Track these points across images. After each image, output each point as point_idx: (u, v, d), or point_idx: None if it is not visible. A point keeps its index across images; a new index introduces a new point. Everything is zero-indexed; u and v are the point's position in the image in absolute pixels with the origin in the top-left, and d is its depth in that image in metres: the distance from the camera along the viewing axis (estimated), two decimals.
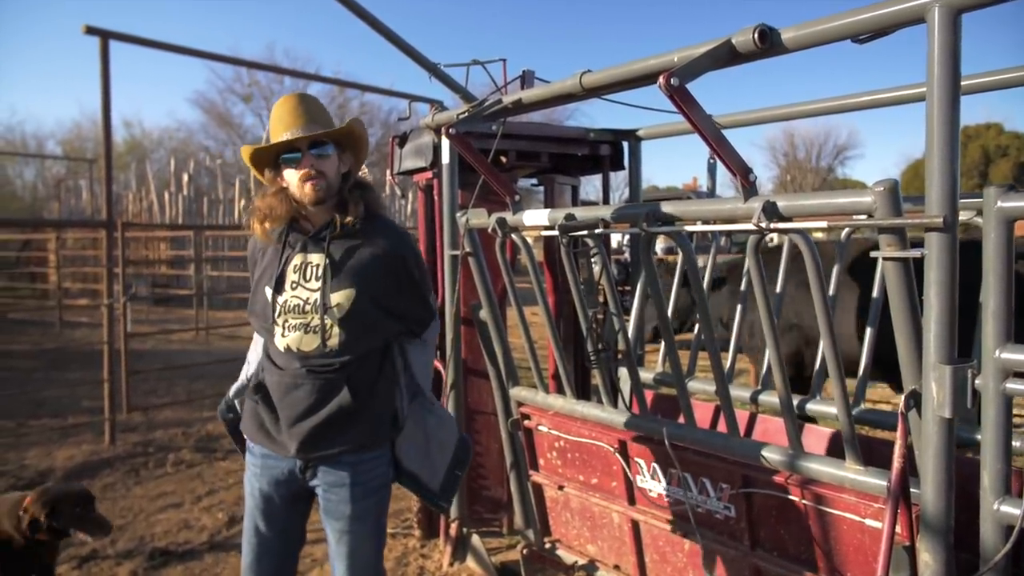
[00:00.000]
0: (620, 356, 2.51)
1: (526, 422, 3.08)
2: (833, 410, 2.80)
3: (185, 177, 22.08)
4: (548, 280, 4.01)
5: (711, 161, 3.38)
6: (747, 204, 2.00)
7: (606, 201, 4.16)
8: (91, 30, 5.51)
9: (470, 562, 3.55)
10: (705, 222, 2.25)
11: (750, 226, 1.96)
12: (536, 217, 2.70)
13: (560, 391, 3.04)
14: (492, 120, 2.88)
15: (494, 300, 3.03)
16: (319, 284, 2.14)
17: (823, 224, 2.07)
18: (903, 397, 1.74)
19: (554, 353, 2.94)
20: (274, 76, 33.21)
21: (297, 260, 2.19)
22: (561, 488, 3.01)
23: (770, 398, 2.98)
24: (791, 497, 2.16)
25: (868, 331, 2.81)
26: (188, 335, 12.47)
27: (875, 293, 2.79)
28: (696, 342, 3.32)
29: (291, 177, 2.14)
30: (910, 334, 1.74)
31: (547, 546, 3.16)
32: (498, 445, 3.58)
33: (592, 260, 2.60)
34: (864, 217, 1.97)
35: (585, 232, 2.51)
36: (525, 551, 3.19)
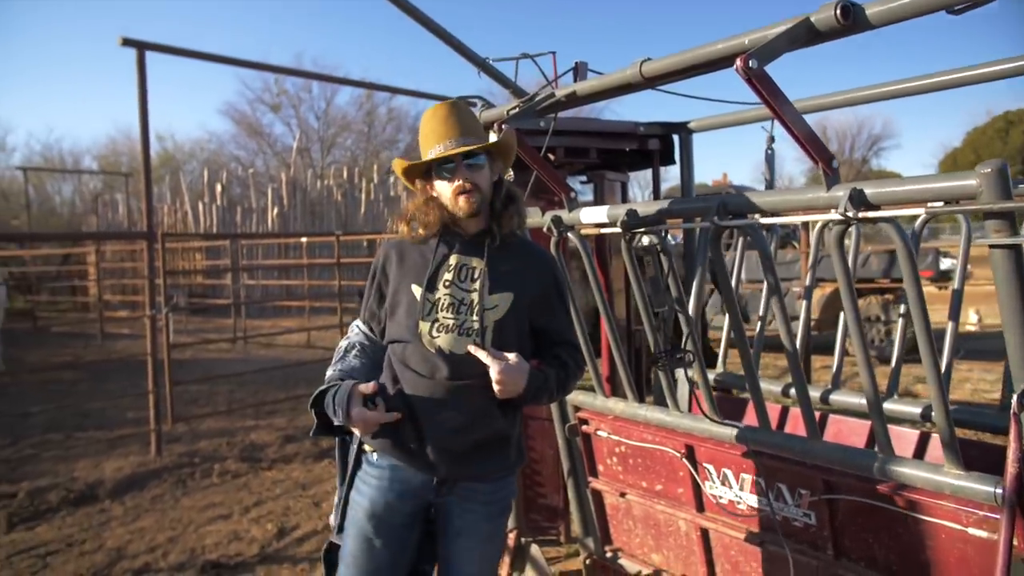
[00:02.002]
0: (687, 357, 2.39)
1: (584, 427, 2.98)
2: (908, 408, 2.70)
3: (218, 187, 22.26)
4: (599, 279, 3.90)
5: (769, 151, 3.25)
6: (830, 193, 1.88)
7: (656, 197, 4.03)
8: (127, 42, 5.53)
9: (529, 572, 3.44)
10: (778, 213, 2.13)
11: (834, 216, 1.84)
12: (594, 214, 2.60)
13: (616, 394, 2.93)
14: (544, 115, 2.78)
15: None
16: (477, 285, 2.11)
17: (918, 211, 1.93)
18: (1015, 397, 1.60)
19: (613, 354, 2.83)
20: (303, 85, 33.47)
21: (453, 260, 2.15)
22: (623, 495, 2.90)
23: (844, 398, 2.84)
24: (880, 504, 2.03)
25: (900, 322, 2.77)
26: (226, 344, 12.53)
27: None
28: (759, 340, 3.18)
29: (444, 189, 2.13)
30: (1020, 327, 1.60)
31: (609, 555, 3.05)
32: (554, 451, 3.48)
33: (656, 258, 2.49)
34: (941, 204, 1.85)
35: (645, 228, 2.40)
36: (588, 561, 3.08)
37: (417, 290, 2.13)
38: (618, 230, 2.39)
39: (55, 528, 4.69)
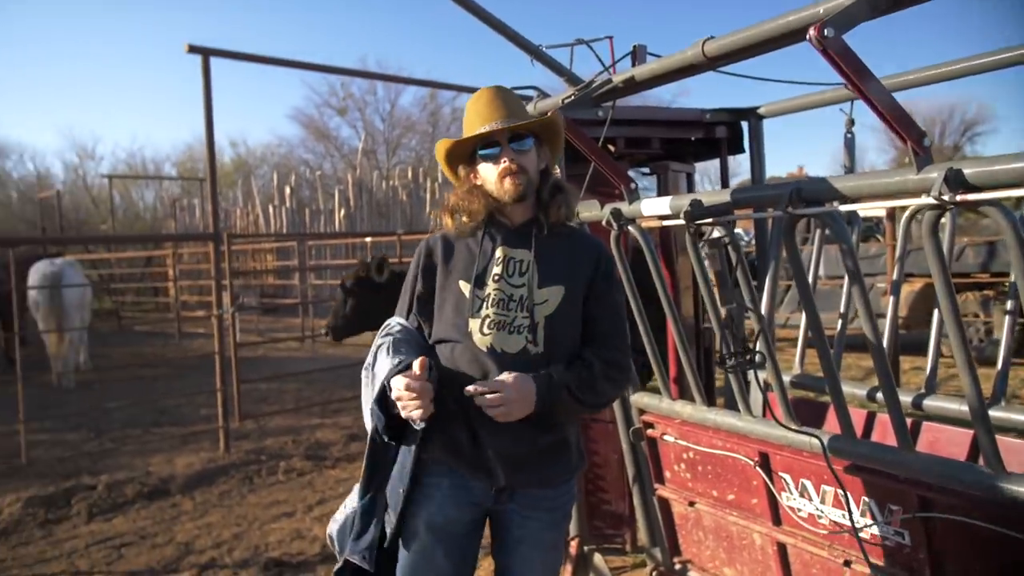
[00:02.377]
0: (758, 358, 2.19)
1: (649, 431, 2.81)
2: (1017, 416, 2.44)
3: (287, 190, 22.68)
4: (664, 275, 3.71)
5: (848, 136, 3.01)
6: (921, 175, 1.67)
7: (725, 188, 3.82)
8: (193, 48, 5.60)
9: None
10: (860, 201, 1.92)
11: (926, 200, 1.63)
12: (656, 206, 2.42)
13: (684, 396, 2.75)
14: (600, 103, 2.62)
15: None
16: (524, 279, 2.00)
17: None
18: None
19: (679, 355, 2.65)
20: (368, 87, 33.88)
21: (499, 253, 2.04)
22: (692, 504, 2.71)
23: (940, 403, 2.59)
24: (987, 525, 1.80)
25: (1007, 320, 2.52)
26: (295, 343, 12.71)
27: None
28: (840, 339, 2.95)
29: (488, 173, 2.03)
30: None
31: (677, 567, 2.87)
32: (618, 456, 3.31)
33: (724, 252, 2.30)
34: None
35: (712, 220, 2.21)
36: (655, 573, 2.91)
37: (465, 286, 2.03)
38: (682, 222, 2.21)
39: (130, 520, 4.81)
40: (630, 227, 2.51)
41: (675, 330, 2.59)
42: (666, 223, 2.47)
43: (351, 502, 2.18)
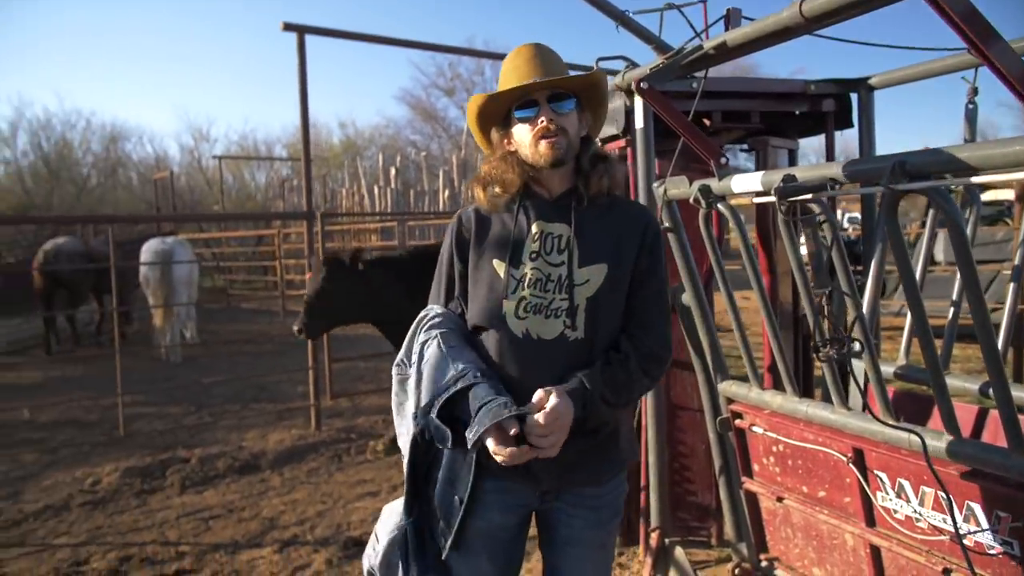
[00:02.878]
0: (855, 347, 2.02)
1: (737, 422, 2.66)
2: None
3: (392, 171, 23.06)
4: (761, 259, 3.52)
5: (970, 106, 2.75)
6: None
7: None
8: (288, 26, 5.67)
9: None
10: (971, 173, 1.73)
11: None
12: (747, 182, 2.27)
13: (777, 386, 2.59)
14: (690, 72, 2.47)
15: (699, 283, 2.64)
16: (563, 257, 1.84)
17: None
18: None
19: (770, 343, 2.49)
20: (475, 68, 34.09)
21: (535, 228, 1.88)
22: (780, 499, 2.56)
23: None
24: None
25: None
26: None
27: None
28: (951, 328, 2.72)
29: (523, 135, 1.87)
30: None
31: (763, 564, 2.73)
32: (705, 446, 3.18)
33: (819, 232, 2.13)
34: None
35: (809, 197, 2.05)
36: (737, 570, 2.77)
37: (500, 266, 1.88)
38: (772, 199, 2.06)
39: (220, 494, 4.97)
40: (719, 205, 2.37)
41: (766, 316, 2.44)
42: (759, 200, 2.31)
43: (387, 526, 2.03)
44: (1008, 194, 8.93)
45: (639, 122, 2.92)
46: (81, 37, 57.92)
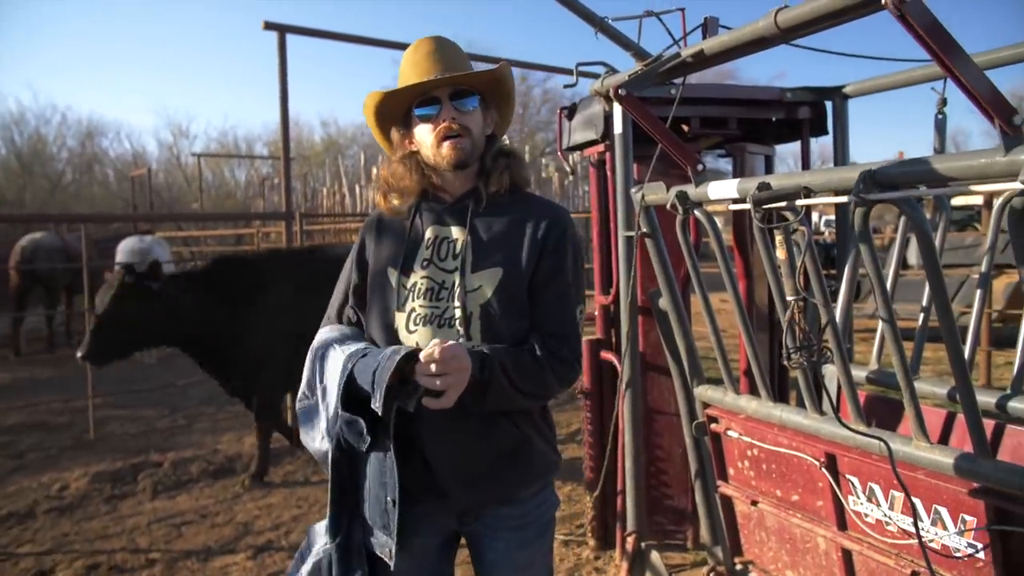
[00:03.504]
0: (827, 352, 2.05)
1: (713, 426, 2.69)
2: None
3: (374, 170, 22.99)
4: (737, 262, 3.56)
5: (939, 116, 2.80)
6: (1010, 156, 1.52)
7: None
8: (269, 25, 5.66)
9: None
10: (938, 184, 1.77)
11: (1016, 185, 1.48)
12: (723, 189, 2.30)
13: (753, 390, 2.62)
14: (669, 78, 2.50)
15: (676, 287, 2.66)
16: (456, 263, 1.73)
17: None
18: None
19: (745, 348, 2.52)
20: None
21: (430, 233, 1.78)
22: (755, 503, 2.59)
23: None
24: None
25: None
26: None
27: None
28: (922, 332, 2.77)
29: (425, 136, 1.76)
30: None
31: (738, 567, 2.75)
32: (681, 450, 3.21)
33: (792, 238, 2.16)
34: None
35: (784, 204, 2.08)
36: (712, 574, 2.80)
37: (392, 274, 1.77)
38: (748, 206, 2.09)
39: (193, 499, 4.90)
40: (696, 211, 2.40)
41: (741, 321, 2.47)
42: (736, 207, 2.34)
43: (314, 549, 1.81)
44: (978, 199, 9.11)
45: (618, 127, 2.94)
46: (57, 31, 57.26)
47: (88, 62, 60.97)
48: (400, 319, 1.75)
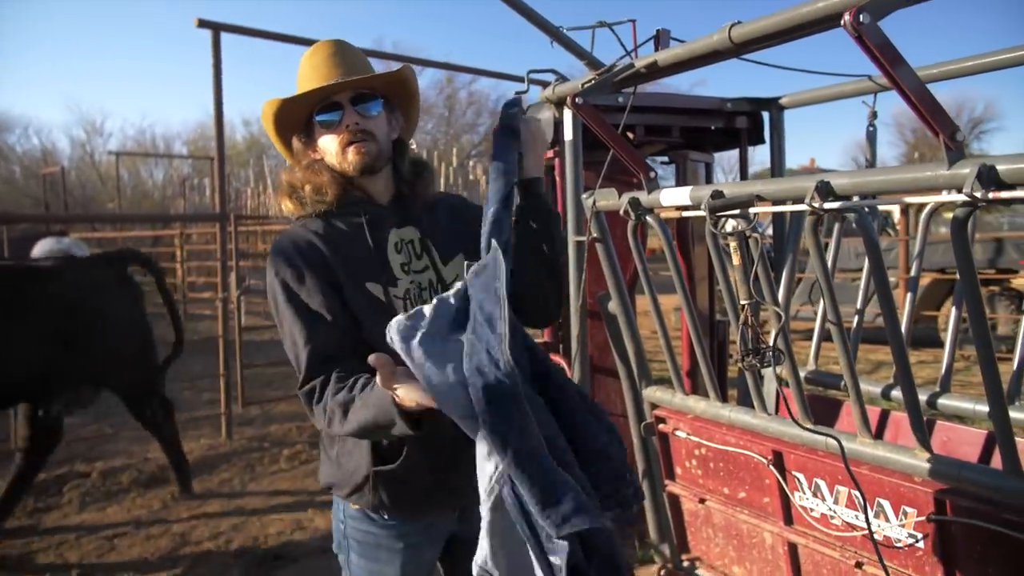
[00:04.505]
0: (779, 354, 2.14)
1: (661, 426, 2.76)
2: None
3: None
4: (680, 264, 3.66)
5: (871, 128, 2.94)
6: (953, 170, 1.62)
7: (744, 179, 3.77)
8: (203, 23, 5.54)
9: None
10: (883, 195, 1.87)
11: (958, 197, 1.57)
12: (675, 196, 2.36)
13: (697, 391, 2.70)
14: (622, 88, 2.56)
15: (625, 292, 2.72)
16: (425, 261, 1.76)
17: None
18: None
19: (694, 349, 2.60)
20: (383, 69, 33.80)
21: (393, 238, 1.77)
22: (702, 501, 2.67)
23: (956, 403, 2.55)
24: (1005, 531, 1.76)
25: None
26: None
27: None
28: (857, 335, 2.90)
29: (328, 144, 1.75)
30: None
31: (685, 564, 2.84)
32: (628, 451, 3.27)
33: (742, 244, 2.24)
34: None
35: (736, 212, 2.15)
36: (663, 571, 2.87)
37: (376, 288, 1.71)
38: (702, 213, 2.16)
39: (124, 510, 4.76)
40: (648, 217, 2.46)
41: (690, 323, 2.54)
42: (687, 214, 2.41)
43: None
44: (892, 207, 9.57)
45: (568, 134, 2.98)
46: None
47: None
48: None
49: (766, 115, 3.46)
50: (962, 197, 1.56)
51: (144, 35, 62.86)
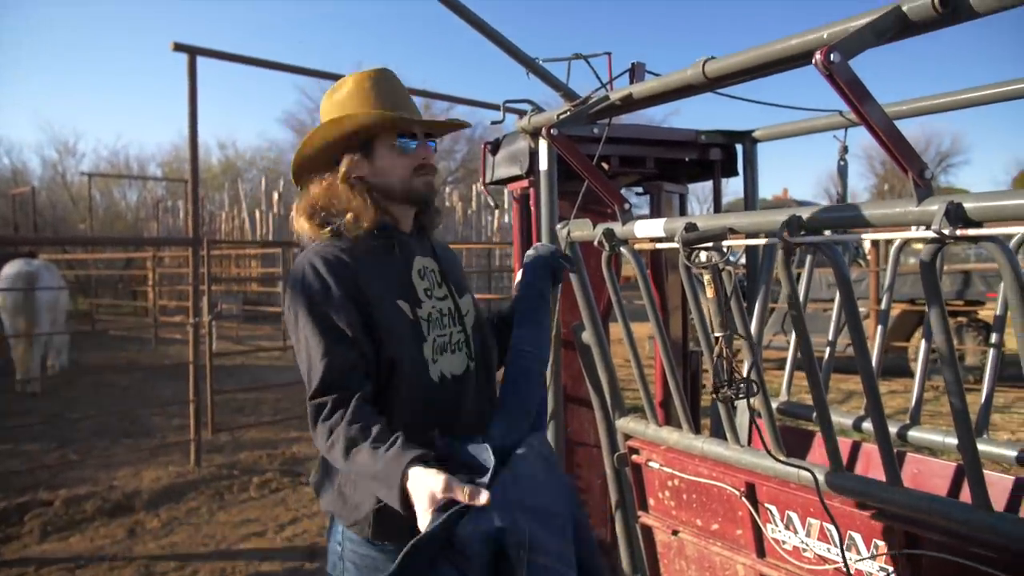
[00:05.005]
0: (753, 386, 2.15)
1: (634, 457, 2.75)
2: (1001, 450, 2.41)
3: (275, 196, 22.55)
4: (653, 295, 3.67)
5: (841, 163, 2.99)
6: (922, 207, 1.64)
7: (717, 211, 3.80)
8: (179, 47, 5.52)
9: None
10: (854, 229, 1.89)
11: (926, 233, 1.60)
12: (650, 227, 2.38)
13: (670, 421, 2.70)
14: (597, 120, 2.58)
15: (599, 323, 2.72)
16: (444, 291, 1.88)
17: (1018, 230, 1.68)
18: None
19: (668, 380, 2.60)
20: None
21: (418, 264, 1.86)
22: (675, 533, 2.66)
23: (925, 435, 2.57)
24: (975, 565, 1.76)
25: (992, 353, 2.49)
26: (277, 351, 12.57)
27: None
28: (828, 366, 2.92)
29: (397, 163, 1.80)
30: None
31: None
32: (601, 481, 3.26)
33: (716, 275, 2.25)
34: None
35: (710, 245, 2.17)
36: None
37: (405, 306, 1.76)
38: (676, 245, 2.17)
39: (87, 539, 4.62)
40: (622, 248, 2.47)
41: (663, 354, 2.55)
42: (661, 246, 2.43)
43: None
44: (882, 236, 9.77)
45: (543, 164, 3.00)
46: None
47: None
48: (427, 351, 1.76)
49: (739, 147, 3.51)
50: (930, 234, 1.59)
51: (120, 57, 62.65)
